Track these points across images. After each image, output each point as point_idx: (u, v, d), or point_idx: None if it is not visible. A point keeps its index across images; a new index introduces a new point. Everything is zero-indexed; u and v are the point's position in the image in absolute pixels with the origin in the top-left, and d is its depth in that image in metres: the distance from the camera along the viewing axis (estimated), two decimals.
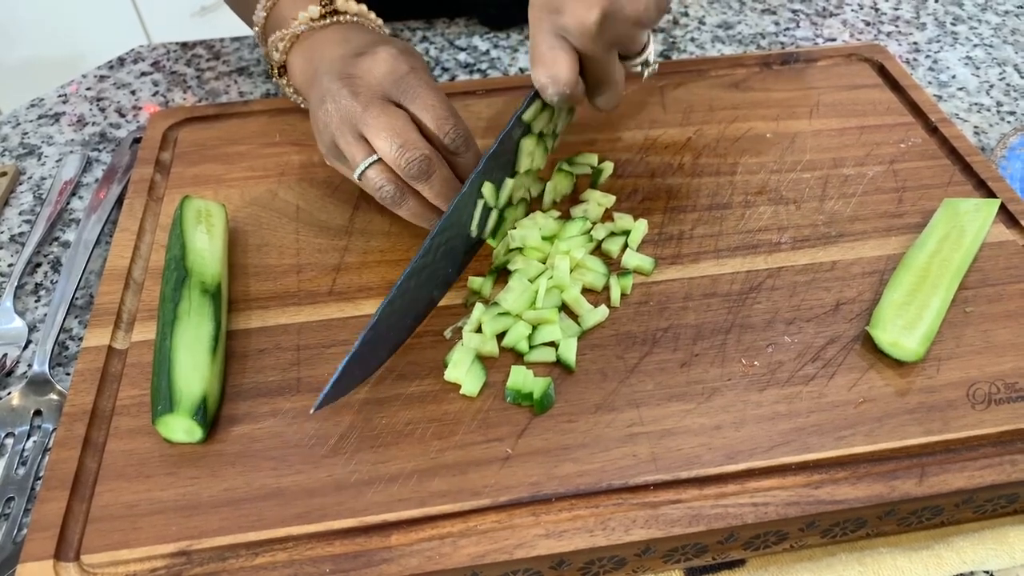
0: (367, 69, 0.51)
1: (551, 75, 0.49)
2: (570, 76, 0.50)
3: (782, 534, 0.43)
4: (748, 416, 0.45)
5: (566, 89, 0.50)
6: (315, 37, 0.57)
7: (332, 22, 0.57)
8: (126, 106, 0.76)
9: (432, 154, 0.49)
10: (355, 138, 0.50)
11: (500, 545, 0.41)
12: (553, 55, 0.49)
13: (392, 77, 0.51)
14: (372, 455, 0.44)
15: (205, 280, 0.49)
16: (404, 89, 0.50)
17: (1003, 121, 0.73)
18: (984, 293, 0.52)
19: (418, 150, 0.48)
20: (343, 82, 0.50)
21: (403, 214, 0.52)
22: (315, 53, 0.56)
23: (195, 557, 0.40)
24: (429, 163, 0.49)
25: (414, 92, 0.50)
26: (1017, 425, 0.45)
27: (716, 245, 0.55)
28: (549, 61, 0.49)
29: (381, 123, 0.49)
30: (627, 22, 0.50)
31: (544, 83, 0.50)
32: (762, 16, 0.86)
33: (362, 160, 0.50)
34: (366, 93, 0.50)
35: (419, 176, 0.49)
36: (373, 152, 0.50)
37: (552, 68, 0.49)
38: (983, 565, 0.44)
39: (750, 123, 0.64)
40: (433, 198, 0.50)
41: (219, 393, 0.46)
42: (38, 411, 0.51)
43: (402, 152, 0.48)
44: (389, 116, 0.49)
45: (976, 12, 0.87)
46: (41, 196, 0.67)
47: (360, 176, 0.51)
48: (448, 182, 0.50)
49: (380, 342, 0.46)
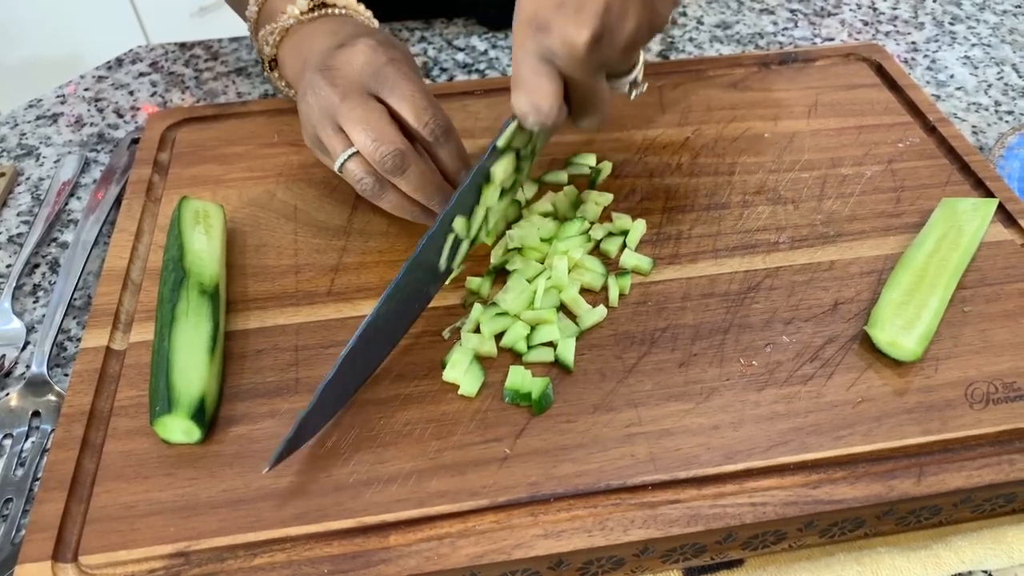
0: (345, 61, 0.51)
1: (533, 104, 0.45)
2: (553, 105, 0.45)
3: (780, 534, 0.43)
4: (746, 416, 0.45)
5: (547, 120, 0.46)
6: (304, 30, 0.57)
7: (321, 15, 0.58)
8: (124, 107, 0.76)
9: (407, 148, 0.48)
10: (334, 130, 0.50)
11: (498, 545, 0.41)
12: (537, 81, 0.45)
13: (370, 68, 0.50)
14: (370, 455, 0.44)
15: (203, 281, 0.49)
16: (382, 81, 0.50)
17: (1001, 121, 0.73)
18: (982, 293, 0.52)
19: (392, 144, 0.48)
20: (322, 74, 0.50)
21: (384, 205, 0.52)
22: (304, 46, 0.56)
23: (193, 558, 0.40)
24: (403, 158, 0.48)
25: (392, 83, 0.50)
26: (1015, 425, 0.45)
27: (714, 245, 0.55)
28: (533, 88, 0.45)
29: (357, 115, 0.48)
30: (618, 45, 0.46)
31: (525, 111, 0.45)
32: (760, 16, 0.86)
33: (341, 152, 0.50)
34: (343, 85, 0.50)
35: (393, 170, 0.49)
36: (351, 144, 0.49)
37: (535, 96, 0.45)
38: (981, 565, 0.44)
39: (748, 123, 0.64)
40: (411, 192, 0.50)
41: (217, 394, 0.46)
42: (36, 412, 0.51)
43: (376, 146, 0.48)
44: (365, 109, 0.49)
45: (974, 12, 0.87)
46: (39, 197, 0.67)
47: (340, 168, 0.51)
48: (425, 175, 0.49)
49: (342, 387, 0.45)
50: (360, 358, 0.45)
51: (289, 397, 0.47)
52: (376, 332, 0.45)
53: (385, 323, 0.46)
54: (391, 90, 0.50)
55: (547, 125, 0.46)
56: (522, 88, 0.46)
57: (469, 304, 0.51)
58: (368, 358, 0.46)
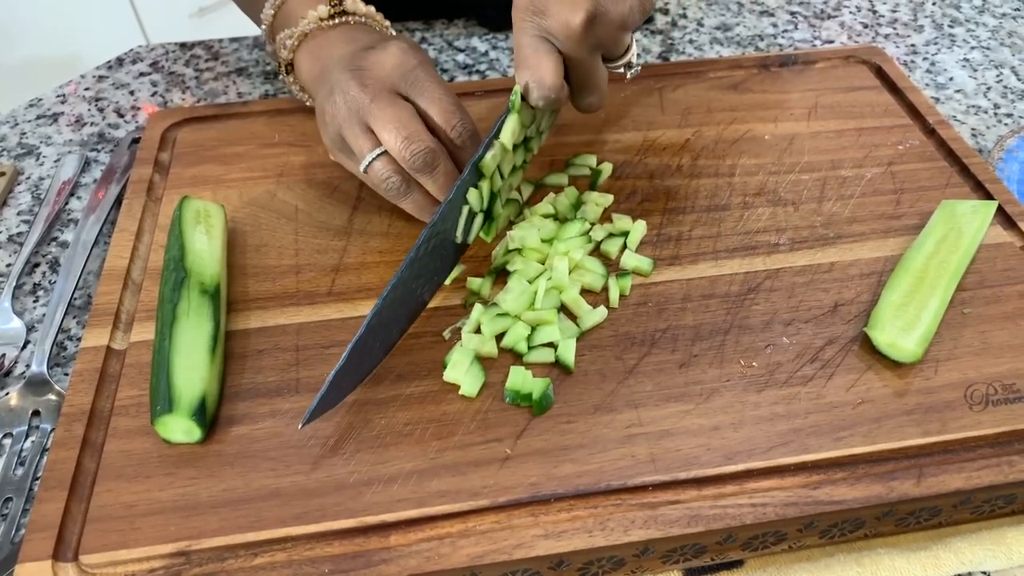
0: (376, 62, 0.51)
1: (536, 79, 0.49)
2: (555, 80, 0.49)
3: (780, 535, 0.43)
4: (747, 417, 0.45)
5: (551, 93, 0.49)
6: (323, 36, 0.58)
7: (340, 22, 0.58)
8: (125, 106, 0.76)
9: (437, 147, 0.49)
10: (362, 130, 0.50)
11: (499, 545, 0.41)
12: (538, 58, 0.49)
13: (401, 70, 0.51)
14: (371, 455, 0.44)
15: (204, 280, 0.49)
16: (412, 82, 0.51)
17: (1000, 123, 0.73)
18: (982, 294, 0.52)
19: (423, 143, 0.49)
20: (352, 74, 0.51)
21: (407, 206, 0.52)
22: (323, 51, 0.57)
23: (194, 557, 0.40)
24: (434, 156, 0.49)
25: (422, 85, 0.51)
26: (1014, 426, 0.45)
27: (714, 246, 0.55)
28: (534, 64, 0.49)
29: (388, 115, 0.49)
30: (612, 25, 0.50)
31: (529, 87, 0.49)
32: (760, 18, 0.86)
33: (368, 152, 0.50)
34: (374, 85, 0.50)
35: (423, 169, 0.49)
36: (379, 144, 0.50)
37: (537, 72, 0.49)
38: (981, 566, 0.44)
39: (748, 125, 0.64)
40: (436, 192, 0.51)
41: (218, 393, 0.46)
42: (36, 411, 0.51)
43: (407, 144, 0.49)
44: (396, 108, 0.49)
45: (973, 15, 0.87)
46: (39, 196, 0.67)
47: (366, 169, 0.51)
48: (451, 176, 0.50)
49: (368, 351, 0.46)
50: (385, 319, 0.46)
51: (290, 397, 0.47)
52: (402, 295, 0.47)
53: (406, 290, 0.47)
54: (421, 92, 0.51)
55: (551, 99, 0.50)
56: (525, 66, 0.50)
57: (470, 304, 0.51)
58: (392, 320, 0.47)
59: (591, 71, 0.52)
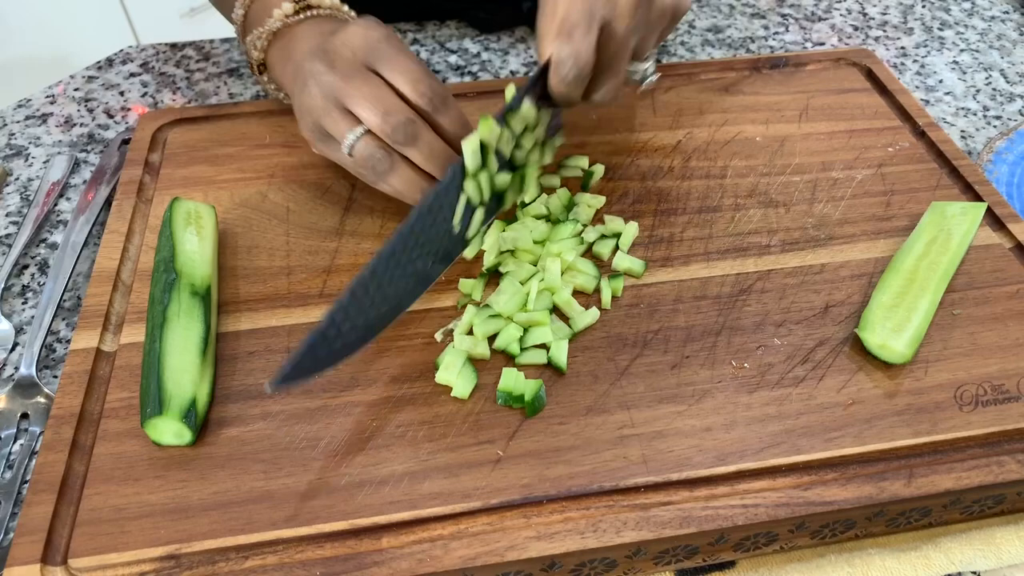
0: (342, 43, 0.51)
1: (575, 51, 0.48)
2: (590, 58, 0.49)
3: (772, 535, 0.43)
4: (738, 418, 0.45)
5: (583, 71, 0.49)
6: (290, 33, 0.58)
7: (307, 16, 0.58)
8: (115, 107, 0.75)
9: (416, 117, 0.49)
10: (340, 114, 0.50)
11: (491, 547, 0.40)
12: (583, 31, 0.48)
13: (366, 47, 0.51)
14: (363, 457, 0.44)
15: (195, 282, 0.49)
16: (378, 56, 0.51)
17: (989, 125, 0.73)
18: (971, 296, 0.52)
19: (402, 114, 0.49)
20: (320, 60, 0.51)
21: (395, 184, 0.51)
22: (292, 47, 0.57)
23: (184, 561, 0.40)
24: (414, 125, 0.49)
25: (388, 58, 0.50)
26: (1004, 426, 0.45)
27: (706, 248, 0.55)
28: (578, 37, 0.48)
29: (363, 92, 0.49)
30: (655, 12, 0.52)
31: (563, 57, 0.48)
32: (751, 20, 0.86)
33: (349, 133, 0.50)
34: (343, 66, 0.50)
35: (406, 140, 0.49)
36: (359, 124, 0.50)
37: (579, 45, 0.48)
38: (971, 566, 0.45)
39: (740, 127, 0.65)
40: (423, 163, 0.50)
41: (209, 396, 0.46)
42: (25, 414, 0.51)
43: (386, 118, 0.48)
44: (370, 85, 0.49)
45: (963, 17, 0.87)
46: (28, 197, 0.66)
47: (350, 150, 0.50)
48: (434, 144, 0.50)
49: (349, 324, 0.44)
50: (377, 291, 0.45)
51: (281, 399, 0.46)
52: (392, 267, 0.46)
53: (398, 265, 0.46)
54: (388, 64, 0.50)
55: (580, 77, 0.49)
56: (567, 36, 0.48)
57: (462, 306, 0.51)
58: (385, 294, 0.46)
59: (618, 55, 0.51)
